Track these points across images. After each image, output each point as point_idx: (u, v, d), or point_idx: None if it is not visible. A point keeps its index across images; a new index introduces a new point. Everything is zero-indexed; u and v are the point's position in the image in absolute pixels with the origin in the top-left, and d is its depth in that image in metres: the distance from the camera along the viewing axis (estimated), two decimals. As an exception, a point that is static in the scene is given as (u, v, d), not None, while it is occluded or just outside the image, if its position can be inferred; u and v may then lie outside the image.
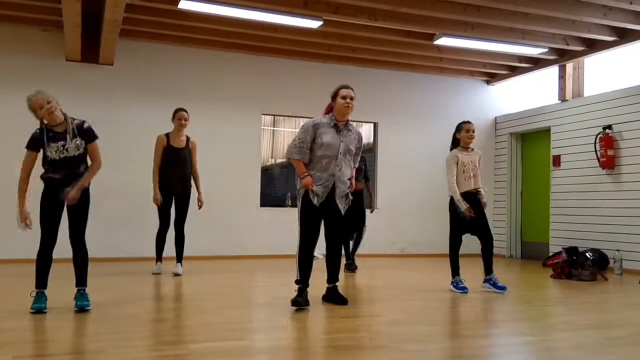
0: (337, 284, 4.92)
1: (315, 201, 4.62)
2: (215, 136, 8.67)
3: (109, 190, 8.10)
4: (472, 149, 5.85)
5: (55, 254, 4.35)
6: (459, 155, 5.74)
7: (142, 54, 8.45)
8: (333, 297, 4.86)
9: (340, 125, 4.77)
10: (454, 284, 5.75)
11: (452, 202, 5.75)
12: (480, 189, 5.78)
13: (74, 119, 4.43)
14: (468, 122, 5.88)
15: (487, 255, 5.85)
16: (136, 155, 7.93)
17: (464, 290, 5.63)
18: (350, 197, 4.89)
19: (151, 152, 6.70)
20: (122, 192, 8.11)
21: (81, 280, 4.41)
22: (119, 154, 8.19)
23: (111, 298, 5.02)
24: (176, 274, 6.60)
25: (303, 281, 4.68)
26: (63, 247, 4.37)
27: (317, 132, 4.67)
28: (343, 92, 4.77)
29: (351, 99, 4.75)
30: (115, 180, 8.10)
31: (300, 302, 4.60)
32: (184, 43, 8.48)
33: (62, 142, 4.28)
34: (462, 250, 5.97)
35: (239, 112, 8.95)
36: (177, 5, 6.77)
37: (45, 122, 4.31)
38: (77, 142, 4.34)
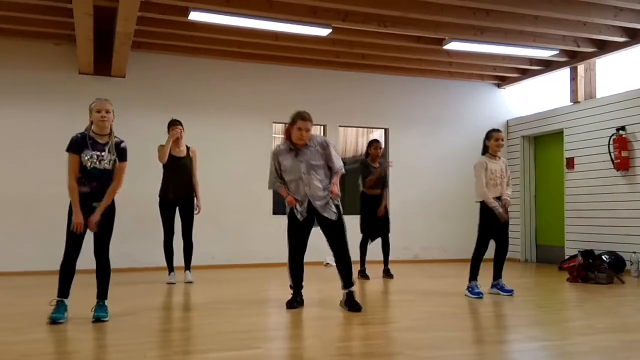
0: (352, 289, 4.99)
1: (299, 216, 5.01)
2: (227, 145, 8.72)
3: (123, 200, 8.14)
4: (500, 157, 5.90)
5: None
6: (487, 162, 5.78)
7: (154, 66, 8.53)
8: (347, 302, 4.96)
9: (298, 147, 5.02)
10: (470, 289, 5.72)
11: (483, 207, 5.76)
12: (505, 197, 5.81)
13: (116, 137, 4.57)
14: (497, 130, 5.96)
15: (501, 259, 5.88)
16: (149, 166, 7.96)
17: (479, 295, 5.61)
18: (336, 202, 5.04)
19: (159, 162, 6.82)
20: (135, 202, 8.12)
21: (102, 292, 4.48)
22: (133, 164, 8.17)
23: (126, 308, 5.05)
24: (188, 282, 6.67)
25: (295, 285, 5.12)
26: (85, 258, 4.42)
27: (279, 160, 5.08)
28: (300, 124, 4.97)
29: (307, 130, 4.98)
30: (129, 190, 8.10)
31: (295, 306, 5.02)
32: (195, 54, 8.55)
33: (97, 153, 4.40)
34: (468, 255, 5.97)
35: (250, 121, 9.00)
36: (187, 17, 6.83)
37: (92, 128, 4.50)
38: (112, 157, 4.46)
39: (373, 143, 7.39)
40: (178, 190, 6.72)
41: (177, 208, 6.79)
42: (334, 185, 5.03)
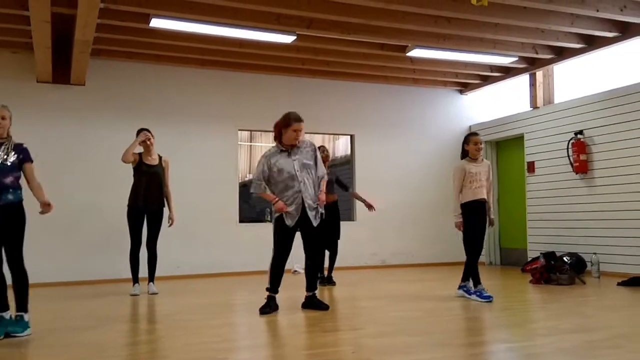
0: (315, 292, 5.34)
1: (288, 222, 5.08)
2: (192, 153, 8.62)
3: (83, 211, 7.99)
4: (482, 160, 5.93)
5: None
6: (466, 166, 5.81)
7: (114, 73, 8.38)
8: (312, 304, 5.25)
9: (289, 149, 5.17)
10: (478, 294, 5.72)
11: (465, 209, 5.79)
12: (488, 202, 5.85)
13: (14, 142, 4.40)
14: (475, 134, 6.00)
15: (468, 267, 5.93)
16: (110, 175, 7.84)
17: (488, 299, 5.60)
18: (321, 210, 5.21)
19: (126, 171, 6.70)
20: (96, 212, 7.99)
21: (21, 304, 4.24)
22: (94, 173, 8.10)
23: (88, 321, 4.92)
24: (152, 293, 6.55)
25: (273, 289, 5.19)
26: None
27: (270, 162, 5.15)
28: (296, 125, 5.13)
29: (301, 131, 5.18)
30: (90, 200, 8.00)
31: (268, 311, 5.08)
32: (157, 61, 8.44)
33: None
34: (440, 259, 6.01)
35: (215, 129, 8.92)
36: (148, 24, 6.73)
37: None
38: (12, 156, 4.29)
39: (320, 147, 7.40)
40: (148, 198, 6.60)
41: (145, 217, 6.66)
42: (322, 192, 5.21)
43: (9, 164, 4.25)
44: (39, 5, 5.65)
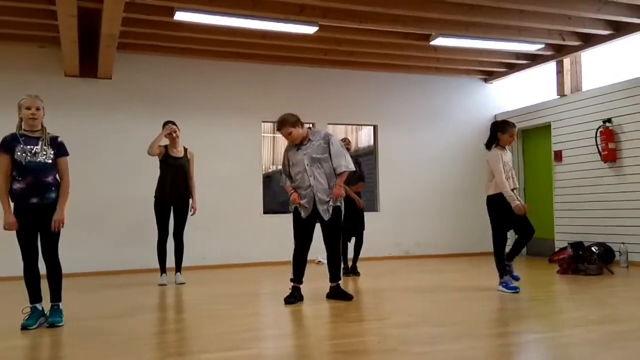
0: (339, 282, 5.37)
1: (302, 214, 5.22)
2: (216, 145, 8.70)
3: (112, 203, 8.13)
4: (507, 150, 5.81)
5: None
6: (501, 153, 5.65)
7: (140, 67, 8.48)
8: (336, 294, 5.31)
9: (301, 142, 5.30)
10: (504, 284, 5.62)
11: (491, 200, 5.64)
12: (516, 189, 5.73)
13: (49, 133, 4.40)
14: (514, 125, 5.78)
15: (520, 245, 5.74)
16: (138, 167, 7.95)
17: (515, 290, 5.52)
18: (336, 204, 5.25)
19: (153, 164, 6.80)
20: (125, 204, 8.12)
21: (55, 295, 4.34)
22: (121, 166, 8.22)
23: (118, 311, 5.03)
24: (180, 283, 6.66)
25: (297, 279, 5.28)
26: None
27: (288, 155, 5.38)
28: (282, 131, 5.32)
29: (287, 135, 5.30)
30: (119, 192, 8.14)
31: (292, 301, 5.16)
32: (181, 54, 8.51)
33: (31, 147, 4.23)
34: (464, 249, 5.95)
35: (239, 121, 8.97)
36: (173, 17, 6.79)
37: (23, 126, 4.32)
38: (49, 151, 4.28)
39: (342, 140, 7.41)
40: (175, 190, 6.70)
41: (172, 208, 6.76)
42: (337, 187, 5.22)
43: (50, 161, 4.26)
44: (65, 0, 5.74)
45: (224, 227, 8.67)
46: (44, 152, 4.25)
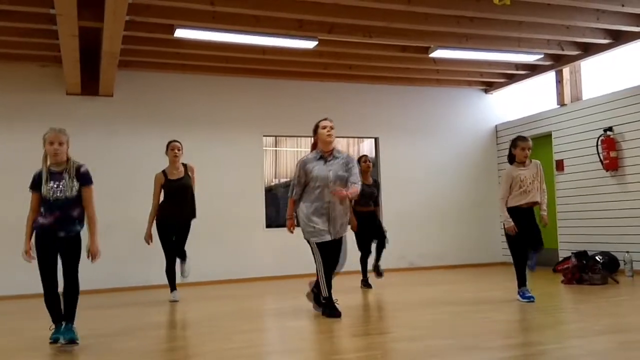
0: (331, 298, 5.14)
1: (326, 237, 5.08)
2: (218, 160, 8.72)
3: (114, 220, 8.12)
4: (530, 162, 5.74)
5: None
6: (513, 172, 5.66)
7: (142, 84, 8.53)
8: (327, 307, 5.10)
9: (327, 156, 5.18)
10: (521, 294, 5.66)
11: (509, 214, 5.65)
12: (541, 203, 5.68)
13: (75, 162, 4.37)
14: (525, 139, 5.74)
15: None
16: (140, 185, 7.93)
17: (530, 299, 5.56)
18: (345, 223, 5.25)
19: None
20: (127, 222, 8.10)
21: (70, 314, 4.28)
22: (124, 183, 8.24)
23: (119, 329, 5.02)
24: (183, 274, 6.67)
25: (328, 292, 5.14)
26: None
27: (306, 168, 5.15)
28: (323, 123, 5.21)
29: (331, 128, 5.18)
30: (121, 210, 8.13)
31: (335, 314, 5.03)
32: (182, 70, 8.57)
33: (57, 182, 4.23)
34: (468, 260, 5.94)
35: (240, 135, 9.00)
36: (173, 34, 6.84)
37: (48, 160, 4.30)
38: (73, 185, 4.25)
39: (362, 157, 7.43)
40: (178, 214, 6.55)
41: (175, 229, 6.62)
42: (350, 191, 5.11)
43: (75, 194, 4.24)
44: (66, 19, 5.80)
45: (227, 241, 8.66)
46: (70, 187, 4.24)
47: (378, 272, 7.32)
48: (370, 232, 7.22)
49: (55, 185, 4.21)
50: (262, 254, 8.82)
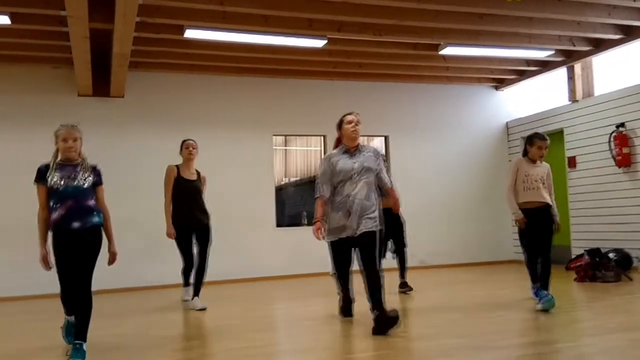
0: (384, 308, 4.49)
1: (341, 234, 4.76)
2: (228, 160, 8.74)
3: (125, 221, 8.15)
4: (542, 163, 5.54)
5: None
6: (522, 165, 5.47)
7: (152, 84, 8.57)
8: (380, 323, 4.40)
9: (352, 150, 4.90)
10: (533, 291, 5.45)
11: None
12: (550, 204, 5.44)
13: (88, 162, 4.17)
14: (543, 138, 5.50)
15: (542, 271, 5.41)
16: (152, 185, 7.95)
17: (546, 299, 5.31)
18: (375, 219, 4.71)
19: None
20: (139, 222, 8.15)
21: (82, 333, 3.85)
22: (135, 184, 8.28)
23: (133, 328, 5.05)
24: (200, 309, 6.03)
25: (345, 297, 5.13)
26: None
27: (331, 162, 4.85)
28: (348, 117, 4.96)
29: (357, 122, 4.93)
30: (132, 210, 8.17)
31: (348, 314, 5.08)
32: (192, 71, 8.60)
33: (68, 173, 3.96)
34: (479, 258, 5.90)
35: (250, 135, 9.02)
36: (183, 35, 6.87)
37: (59, 156, 4.06)
38: (88, 177, 4.01)
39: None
40: (194, 214, 6.13)
41: (194, 233, 6.17)
42: (396, 200, 5.30)
43: (85, 185, 3.96)
44: (77, 21, 5.84)
45: (238, 241, 8.68)
46: (84, 178, 3.97)
47: (406, 288, 6.70)
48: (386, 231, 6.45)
49: (65, 175, 3.93)
50: (272, 253, 8.84)
